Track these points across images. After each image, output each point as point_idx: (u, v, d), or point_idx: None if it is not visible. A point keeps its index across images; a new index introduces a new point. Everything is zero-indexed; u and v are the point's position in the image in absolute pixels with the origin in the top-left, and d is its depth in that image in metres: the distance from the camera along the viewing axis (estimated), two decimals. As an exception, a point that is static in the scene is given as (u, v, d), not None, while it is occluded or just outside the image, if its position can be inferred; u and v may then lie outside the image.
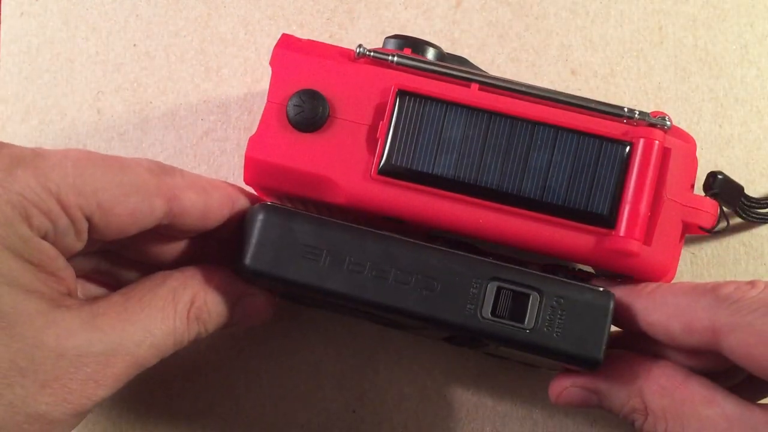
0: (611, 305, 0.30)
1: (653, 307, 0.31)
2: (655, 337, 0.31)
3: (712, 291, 0.30)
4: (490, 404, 0.40)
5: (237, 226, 0.33)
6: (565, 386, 0.33)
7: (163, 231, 0.32)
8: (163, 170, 0.31)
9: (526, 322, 0.30)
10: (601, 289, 0.31)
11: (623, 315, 0.32)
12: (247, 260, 0.31)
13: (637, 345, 0.33)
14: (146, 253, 0.34)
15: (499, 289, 0.30)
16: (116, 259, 0.34)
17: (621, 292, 0.32)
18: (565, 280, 0.31)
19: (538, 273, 0.31)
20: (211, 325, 0.32)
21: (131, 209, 0.29)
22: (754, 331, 0.28)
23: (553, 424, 0.40)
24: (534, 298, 0.30)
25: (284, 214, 0.31)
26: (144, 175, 0.30)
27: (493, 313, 0.30)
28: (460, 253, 0.31)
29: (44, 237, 0.28)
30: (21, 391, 0.27)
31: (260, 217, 0.31)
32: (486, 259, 0.31)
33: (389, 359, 0.40)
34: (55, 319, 0.27)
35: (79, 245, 0.29)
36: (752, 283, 0.29)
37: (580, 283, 0.31)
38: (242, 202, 0.33)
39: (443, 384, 0.40)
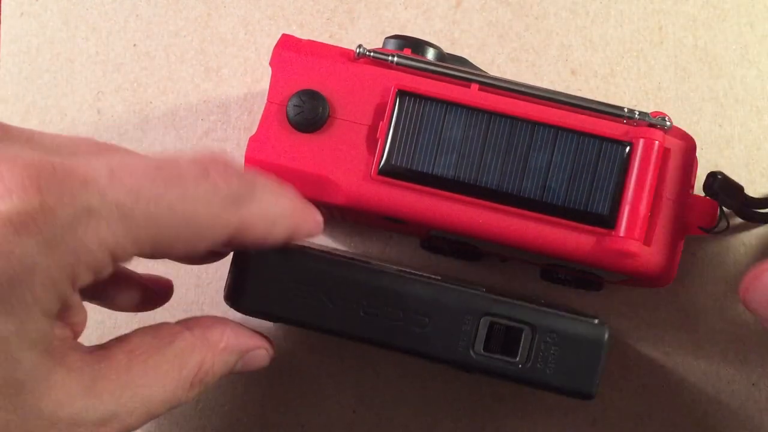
0: (605, 338, 0.30)
1: None
2: None
3: None
4: (490, 404, 0.40)
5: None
6: (766, 269, 0.29)
7: None
8: (240, 197, 0.27)
9: (518, 358, 0.30)
10: (596, 321, 0.30)
11: None
12: (239, 299, 0.30)
13: None
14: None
15: (491, 324, 0.30)
16: None
17: None
18: (558, 313, 0.30)
19: (531, 306, 0.30)
20: (212, 384, 0.30)
21: (187, 249, 0.27)
22: None
23: (553, 423, 0.40)
24: (527, 333, 0.30)
25: (276, 252, 0.30)
26: (216, 209, 0.27)
27: (485, 348, 0.30)
28: (451, 287, 0.30)
29: (80, 288, 0.25)
30: None
31: (252, 254, 0.30)
32: (478, 292, 0.30)
33: (389, 359, 0.40)
34: (57, 382, 0.25)
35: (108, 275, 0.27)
36: None
37: (574, 316, 0.30)
38: (303, 232, 0.31)
39: (443, 384, 0.40)
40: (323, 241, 0.41)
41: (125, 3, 0.42)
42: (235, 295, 0.31)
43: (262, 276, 0.30)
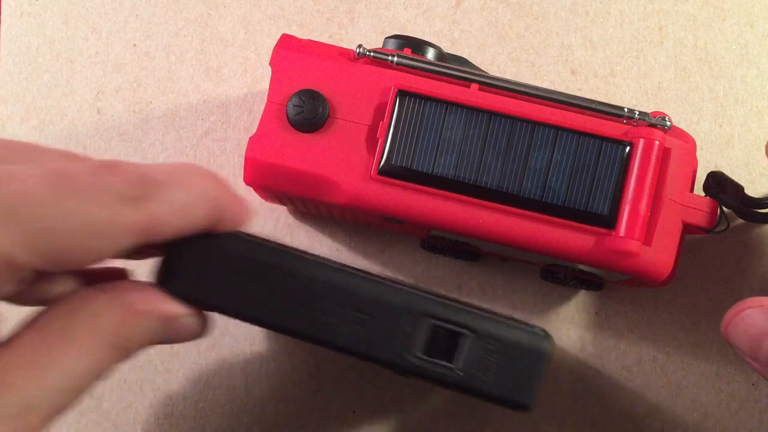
0: (547, 349, 0.29)
1: None
2: None
3: None
4: (490, 404, 0.40)
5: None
6: (754, 306, 0.29)
7: None
8: (142, 195, 0.26)
9: (457, 364, 0.29)
10: (539, 331, 0.29)
11: None
12: (167, 283, 0.29)
13: None
14: None
15: (433, 327, 0.29)
16: None
17: None
18: (501, 319, 0.29)
19: (474, 311, 0.29)
20: (137, 350, 0.28)
21: (91, 255, 0.25)
22: None
23: (553, 424, 0.40)
24: (468, 339, 0.28)
25: (208, 236, 0.29)
26: (114, 210, 0.25)
27: (425, 352, 0.29)
28: (394, 285, 0.29)
29: None
30: None
31: (184, 238, 0.28)
32: (421, 293, 0.29)
33: (389, 359, 0.40)
34: None
35: (13, 291, 0.25)
36: None
37: (517, 324, 0.29)
38: (228, 216, 0.29)
39: (443, 384, 0.40)
40: (324, 241, 0.41)
41: (125, 3, 0.42)
42: (163, 276, 0.29)
43: (193, 259, 0.29)
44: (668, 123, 0.33)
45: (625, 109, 0.33)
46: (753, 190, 0.39)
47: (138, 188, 0.26)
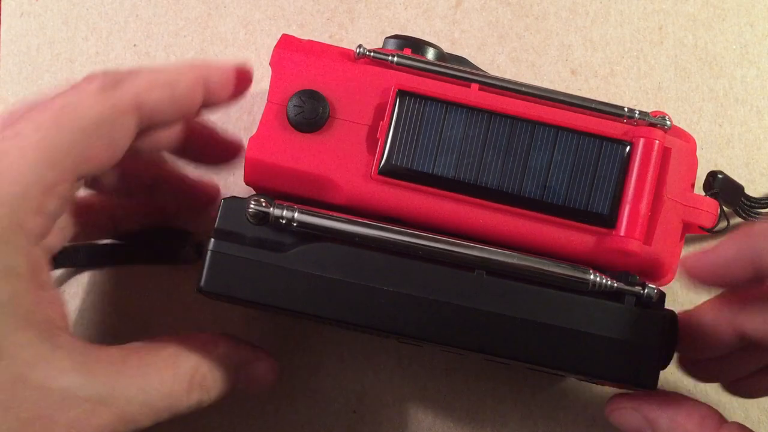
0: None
1: None
2: None
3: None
4: (490, 404, 0.40)
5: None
6: (624, 406, 0.33)
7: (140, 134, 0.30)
8: (118, 80, 0.29)
9: None
10: None
11: None
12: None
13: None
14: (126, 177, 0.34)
15: None
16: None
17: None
18: None
19: None
20: (214, 393, 0.31)
21: (109, 150, 0.28)
22: None
23: (553, 424, 0.40)
24: None
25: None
26: (98, 98, 0.28)
27: None
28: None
29: (36, 236, 0.26)
30: (2, 426, 0.25)
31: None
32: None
33: (389, 359, 0.40)
34: (46, 354, 0.26)
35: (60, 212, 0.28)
36: None
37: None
38: (216, 79, 0.32)
39: (443, 384, 0.40)
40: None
41: (125, 3, 0.42)
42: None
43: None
44: (668, 122, 0.33)
45: (625, 109, 0.33)
46: (753, 190, 0.39)
47: (114, 77, 0.29)
